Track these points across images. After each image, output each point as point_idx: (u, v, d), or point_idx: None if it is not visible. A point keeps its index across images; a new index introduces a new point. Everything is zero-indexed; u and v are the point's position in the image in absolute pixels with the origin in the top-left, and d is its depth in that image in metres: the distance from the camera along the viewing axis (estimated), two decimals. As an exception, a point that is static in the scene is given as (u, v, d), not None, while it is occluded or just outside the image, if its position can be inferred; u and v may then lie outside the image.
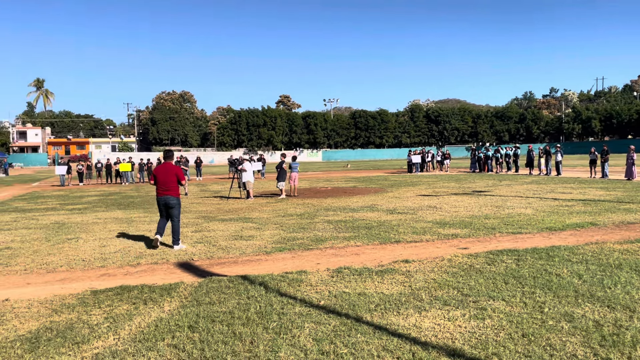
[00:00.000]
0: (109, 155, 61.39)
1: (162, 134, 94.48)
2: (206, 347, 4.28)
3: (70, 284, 6.64)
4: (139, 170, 31.78)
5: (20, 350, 4.34)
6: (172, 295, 5.81)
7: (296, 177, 18.75)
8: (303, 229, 10.63)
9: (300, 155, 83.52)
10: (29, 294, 6.12)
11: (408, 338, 4.38)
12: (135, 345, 4.37)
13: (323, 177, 31.70)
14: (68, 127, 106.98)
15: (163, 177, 8.90)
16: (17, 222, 12.95)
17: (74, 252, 8.69)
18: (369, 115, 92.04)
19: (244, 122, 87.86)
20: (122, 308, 5.42)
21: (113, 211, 15.11)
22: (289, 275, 6.57)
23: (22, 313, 5.36)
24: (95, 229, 11.45)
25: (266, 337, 4.47)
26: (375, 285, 6.04)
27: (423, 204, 14.68)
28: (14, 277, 7.10)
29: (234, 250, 8.59)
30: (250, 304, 5.41)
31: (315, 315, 5.03)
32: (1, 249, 9.15)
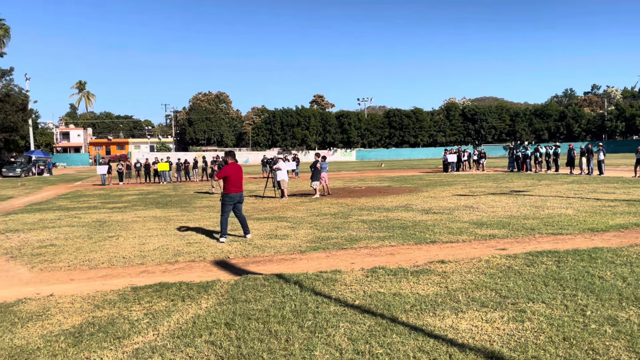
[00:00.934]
0: (147, 155, 62.88)
1: (199, 134, 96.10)
2: (242, 344, 4.33)
3: (111, 280, 6.84)
4: (176, 170, 32.42)
5: (65, 344, 4.49)
6: (209, 293, 5.91)
7: (325, 176, 18.75)
8: (337, 228, 10.64)
9: (334, 155, 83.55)
10: (72, 290, 6.33)
11: (445, 339, 4.32)
12: (174, 341, 4.46)
13: (357, 177, 31.61)
14: (108, 128, 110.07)
15: (237, 176, 9.65)
16: (61, 220, 13.40)
17: (115, 250, 8.94)
18: (403, 114, 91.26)
19: (278, 122, 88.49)
20: (161, 304, 5.54)
21: (152, 210, 15.47)
22: (324, 275, 6.58)
23: (66, 308, 5.55)
24: (134, 227, 11.75)
25: (301, 335, 4.49)
26: (411, 286, 5.99)
27: (459, 203, 14.47)
28: (58, 273, 7.36)
29: (269, 249, 8.66)
30: (285, 302, 5.45)
31: (350, 314, 5.02)
32: (46, 246, 9.49)
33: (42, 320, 5.16)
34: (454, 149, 36.64)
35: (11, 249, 9.34)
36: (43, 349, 4.40)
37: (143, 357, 4.14)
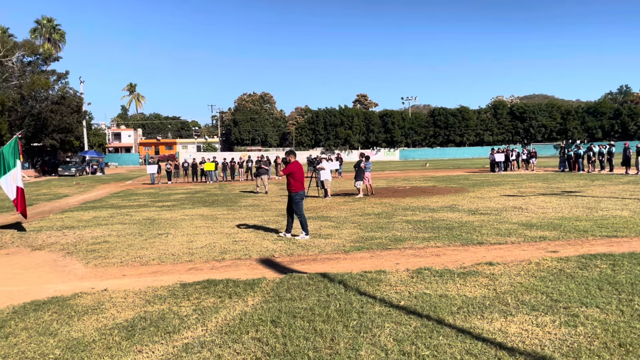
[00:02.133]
0: (194, 155, 64.36)
1: (244, 134, 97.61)
2: (288, 342, 4.38)
3: (162, 276, 7.05)
4: (222, 169, 33.05)
5: (118, 337, 4.67)
6: (255, 290, 6.00)
7: (369, 176, 18.66)
8: (381, 228, 10.58)
9: (377, 155, 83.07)
10: (124, 285, 6.56)
11: (493, 343, 4.23)
12: (222, 337, 4.56)
13: (401, 176, 31.32)
14: (157, 129, 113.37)
15: (300, 173, 9.97)
16: (113, 218, 13.91)
17: (164, 247, 9.21)
18: (448, 112, 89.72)
19: (321, 122, 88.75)
20: (209, 301, 5.67)
21: (199, 208, 15.83)
22: (368, 275, 6.56)
23: (119, 303, 5.76)
24: (183, 225, 12.06)
25: (346, 335, 4.50)
26: (458, 288, 5.89)
27: (507, 204, 14.10)
28: (111, 269, 7.65)
29: (313, 248, 8.71)
30: (330, 301, 5.47)
31: (395, 315, 4.99)
32: (100, 243, 9.88)
33: (97, 314, 5.37)
34: (501, 148, 35.71)
35: (67, 245, 9.77)
36: (98, 341, 4.58)
37: (192, 352, 4.25)
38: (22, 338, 4.71)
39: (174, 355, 4.21)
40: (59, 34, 68.22)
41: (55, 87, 48.78)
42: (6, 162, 11.85)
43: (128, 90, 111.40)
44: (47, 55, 52.18)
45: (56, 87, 49.04)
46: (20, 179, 11.93)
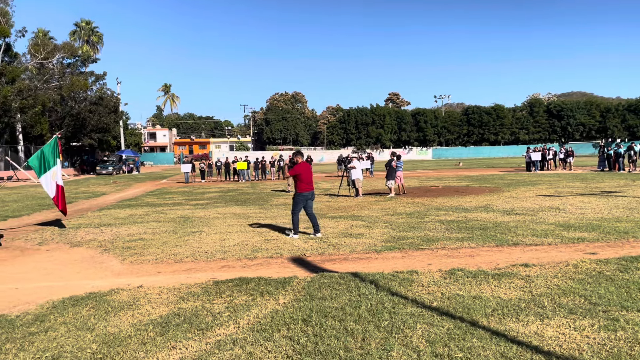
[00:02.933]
0: (227, 154, 65.13)
1: (275, 133, 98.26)
2: (319, 341, 4.38)
3: (195, 274, 7.15)
4: (254, 169, 33.35)
5: (153, 333, 4.76)
6: (286, 289, 6.02)
7: (401, 175, 18.51)
8: (413, 228, 10.47)
9: (409, 154, 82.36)
10: (159, 282, 6.69)
11: (529, 346, 4.13)
12: (254, 334, 4.59)
13: (433, 176, 30.95)
14: (191, 128, 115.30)
15: (308, 174, 9.92)
16: (149, 216, 14.20)
17: (198, 245, 9.35)
18: (483, 110, 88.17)
19: (352, 121, 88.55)
20: (241, 299, 5.72)
21: (231, 207, 16.01)
22: (400, 275, 6.50)
23: (154, 299, 5.87)
24: (216, 223, 12.22)
25: (378, 335, 4.47)
26: (492, 289, 5.78)
27: (544, 204, 13.76)
28: (146, 266, 7.81)
29: (344, 247, 8.69)
30: (361, 301, 5.44)
31: (427, 316, 4.93)
32: (135, 240, 10.10)
33: (132, 309, 5.49)
34: (538, 147, 34.88)
35: (105, 242, 10.03)
36: (133, 336, 4.68)
37: (224, 349, 4.29)
38: (61, 332, 4.85)
39: (207, 352, 4.26)
40: (97, 36, 70.09)
41: (94, 88, 50.15)
42: (46, 161, 12.23)
43: (163, 90, 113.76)
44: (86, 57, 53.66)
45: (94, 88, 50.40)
46: (60, 178, 12.30)
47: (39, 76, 41.70)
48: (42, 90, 39.58)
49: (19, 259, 8.74)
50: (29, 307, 5.73)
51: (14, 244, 10.13)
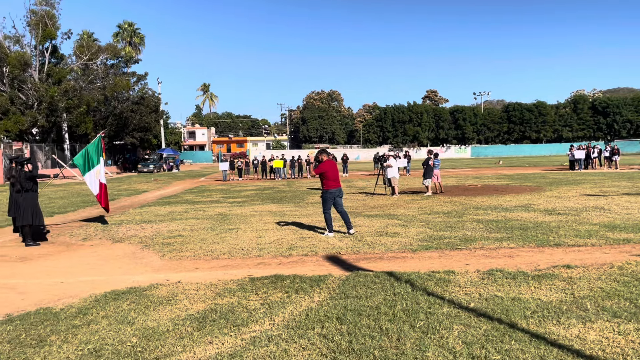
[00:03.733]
0: (264, 152, 65.82)
1: (311, 132, 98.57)
2: (354, 339, 4.36)
3: (232, 270, 7.25)
4: (290, 167, 33.56)
5: (190, 328, 4.85)
6: (321, 287, 6.03)
7: (438, 174, 18.24)
8: (450, 227, 10.31)
9: (447, 152, 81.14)
10: (197, 278, 6.81)
11: (570, 350, 4.00)
12: (288, 332, 4.62)
13: (472, 174, 30.40)
14: (229, 127, 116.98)
15: (334, 172, 9.89)
16: (188, 213, 14.49)
17: (235, 242, 9.47)
18: (524, 107, 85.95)
19: (389, 119, 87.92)
20: (276, 296, 5.76)
21: (268, 205, 16.16)
22: (436, 275, 6.41)
23: (192, 295, 5.98)
24: (252, 220, 12.35)
25: (413, 335, 4.42)
26: (532, 291, 5.63)
27: (588, 204, 13.31)
28: (185, 262, 7.97)
29: (380, 246, 8.63)
30: (396, 300, 5.39)
31: (464, 317, 4.84)
32: (174, 236, 10.32)
33: (171, 304, 5.61)
34: (582, 145, 33.77)
35: (145, 238, 10.28)
36: (172, 331, 4.78)
37: (260, 345, 4.33)
38: (102, 325, 5.01)
39: (242, 347, 4.31)
40: (139, 37, 71.98)
41: (135, 88, 51.51)
42: (91, 159, 12.63)
43: (202, 90, 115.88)
44: (128, 58, 55.15)
45: (136, 88, 51.77)
46: (103, 176, 12.69)
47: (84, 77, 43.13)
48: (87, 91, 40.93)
49: (64, 253, 9.06)
50: (73, 300, 5.93)
51: (60, 239, 10.52)
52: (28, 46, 39.21)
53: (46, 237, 10.67)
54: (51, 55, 41.06)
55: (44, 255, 8.95)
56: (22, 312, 5.54)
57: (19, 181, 10.06)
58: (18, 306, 5.80)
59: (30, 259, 8.61)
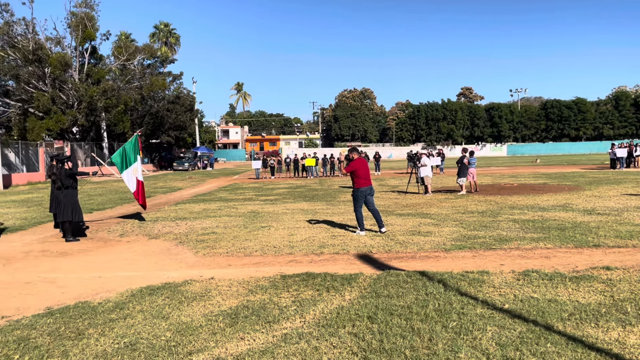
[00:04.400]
0: (296, 151, 66.12)
1: (344, 130, 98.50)
2: (385, 339, 4.33)
3: (263, 267, 7.31)
4: (322, 165, 33.61)
5: (223, 324, 4.91)
6: (352, 285, 6.02)
7: (474, 172, 17.94)
8: (485, 227, 10.13)
9: (482, 150, 79.75)
10: (229, 275, 6.89)
11: (609, 354, 3.88)
12: (319, 329, 4.63)
13: (508, 173, 29.78)
14: (262, 126, 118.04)
15: (364, 170, 9.84)
16: (221, 210, 14.68)
17: (267, 239, 9.55)
18: (562, 105, 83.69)
19: (422, 117, 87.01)
20: (307, 293, 5.78)
21: (299, 202, 16.22)
22: (470, 275, 6.31)
23: (224, 291, 6.06)
24: (284, 218, 12.42)
25: (445, 335, 4.36)
26: (569, 293, 5.47)
27: (629, 204, 12.86)
28: (218, 259, 8.08)
29: (412, 245, 8.55)
30: (428, 300, 5.33)
31: (498, 318, 4.75)
32: (208, 233, 10.47)
33: (204, 300, 5.70)
34: (624, 143, 32.62)
35: (180, 235, 10.48)
36: (205, 326, 4.85)
37: (290, 342, 4.35)
38: (138, 319, 5.12)
39: (273, 344, 4.34)
40: (175, 37, 73.30)
41: (171, 87, 52.46)
42: (128, 157, 12.94)
43: (236, 89, 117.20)
44: (164, 58, 56.19)
45: (172, 87, 52.73)
46: (140, 173, 12.98)
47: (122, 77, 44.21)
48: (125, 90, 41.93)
49: (102, 249, 9.32)
50: (110, 295, 6.09)
51: (98, 235, 10.82)
52: (68, 47, 40.45)
53: (85, 233, 10.99)
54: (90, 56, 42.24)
55: (83, 250, 9.23)
56: (61, 305, 5.73)
57: (60, 178, 10.39)
58: (58, 300, 5.99)
59: (70, 254, 8.90)
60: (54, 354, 4.31)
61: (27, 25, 37.03)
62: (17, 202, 19.03)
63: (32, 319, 5.25)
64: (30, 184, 29.35)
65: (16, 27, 36.46)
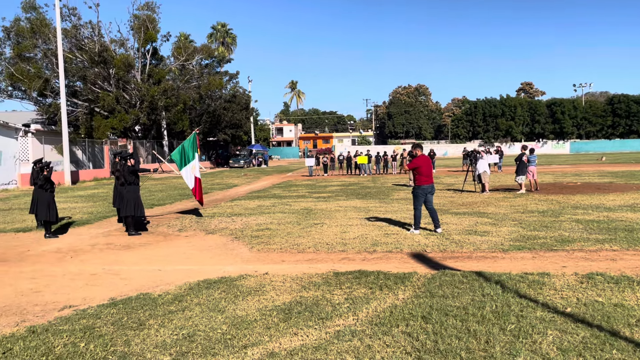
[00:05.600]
0: (349, 148, 66.03)
1: (397, 127, 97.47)
2: (439, 339, 4.26)
3: (316, 264, 7.35)
4: (375, 163, 33.39)
5: (277, 319, 4.98)
6: (405, 284, 5.95)
7: (534, 170, 17.29)
8: (546, 227, 9.75)
9: (543, 147, 76.79)
10: (283, 270, 6.98)
11: (683, 365, 3.64)
12: (372, 328, 4.60)
13: (570, 171, 28.52)
14: (315, 123, 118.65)
15: (427, 168, 9.71)
16: (275, 207, 14.89)
17: (319, 236, 9.59)
18: (631, 100, 79.19)
19: (480, 113, 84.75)
20: (360, 291, 5.76)
21: (352, 200, 16.19)
22: (529, 277, 6.09)
23: (278, 286, 6.14)
24: (337, 215, 12.44)
25: (503, 338, 4.23)
26: (637, 297, 5.18)
27: None
28: (272, 254, 8.20)
29: (468, 245, 8.35)
30: (485, 302, 5.19)
31: (560, 322, 4.56)
32: (263, 229, 10.65)
33: (258, 295, 5.80)
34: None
35: (235, 230, 10.70)
36: (259, 320, 4.94)
37: (343, 340, 4.35)
38: (195, 312, 5.28)
39: (326, 341, 4.36)
40: (231, 37, 74.90)
41: (228, 86, 53.65)
42: (187, 155, 13.35)
43: (290, 87, 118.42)
44: (221, 58, 57.56)
45: (228, 86, 53.91)
46: (198, 170, 13.36)
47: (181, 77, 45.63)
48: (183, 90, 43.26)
49: (162, 243, 9.67)
50: (169, 287, 6.31)
51: (158, 230, 11.23)
52: (131, 49, 42.16)
53: (146, 228, 11.44)
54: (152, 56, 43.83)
55: (144, 244, 9.61)
56: (124, 296, 5.99)
57: (123, 175, 10.85)
58: (121, 291, 6.27)
59: (132, 248, 9.28)
60: (117, 343, 4.50)
61: (93, 28, 38.88)
62: (84, 197, 20.05)
63: (97, 308, 5.51)
64: (96, 180, 30.86)
65: (83, 31, 38.35)
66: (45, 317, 5.33)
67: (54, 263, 8.09)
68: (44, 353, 4.31)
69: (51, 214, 10.63)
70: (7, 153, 25.32)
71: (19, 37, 35.21)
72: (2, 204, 17.57)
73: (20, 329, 4.94)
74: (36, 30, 34.53)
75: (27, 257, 8.64)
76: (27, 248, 9.42)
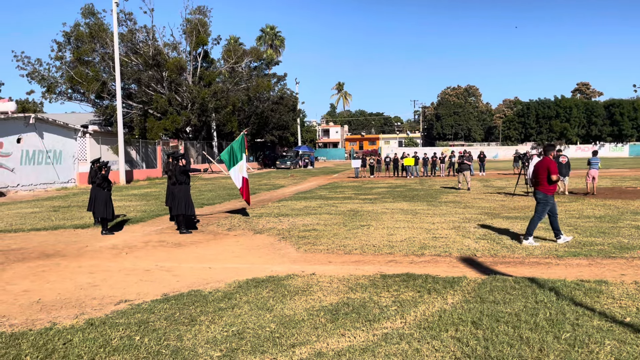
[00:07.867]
0: (396, 150, 65.44)
1: (446, 128, 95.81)
2: (490, 346, 4.16)
3: (363, 266, 7.33)
4: (422, 165, 32.96)
5: (324, 319, 5.00)
6: (454, 289, 5.85)
7: (596, 174, 16.59)
8: (603, 233, 9.35)
9: (601, 150, 73.60)
10: (330, 271, 7.00)
11: None
12: (420, 331, 4.55)
13: (630, 175, 27.22)
14: (362, 125, 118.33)
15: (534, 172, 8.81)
16: (321, 208, 14.94)
17: (366, 238, 9.56)
18: (697, 100, 74.82)
19: (532, 114, 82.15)
20: (408, 294, 5.71)
21: (399, 202, 16.05)
22: (585, 284, 5.86)
23: (325, 287, 6.17)
24: (383, 218, 12.36)
25: (557, 347, 4.09)
26: None
27: None
28: (318, 255, 8.24)
29: (520, 250, 8.12)
30: (538, 308, 5.03)
31: (618, 332, 4.37)
32: (309, 230, 10.71)
33: (306, 295, 5.84)
34: None
35: (282, 230, 10.82)
36: (307, 320, 4.98)
37: (391, 342, 4.33)
38: (244, 310, 5.38)
39: (374, 343, 4.34)
40: (279, 40, 75.75)
41: (275, 88, 54.33)
42: (235, 155, 13.61)
43: (336, 89, 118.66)
44: (269, 60, 58.31)
45: (276, 88, 54.58)
46: (245, 171, 13.59)
47: (230, 79, 46.51)
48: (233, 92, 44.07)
49: (212, 242, 9.89)
50: (219, 285, 6.45)
51: (208, 229, 11.50)
52: (183, 52, 43.36)
53: (197, 226, 11.73)
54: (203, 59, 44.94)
55: (195, 242, 9.86)
56: (176, 292, 6.16)
57: (175, 174, 11.18)
58: (173, 287, 6.46)
59: (183, 245, 9.55)
60: (170, 337, 4.65)
61: (148, 32, 40.21)
62: (138, 195, 20.77)
63: (151, 303, 5.70)
64: (149, 179, 31.90)
65: (138, 35, 39.74)
66: (103, 310, 5.56)
67: (110, 259, 8.43)
68: (102, 345, 4.50)
69: (108, 211, 11.07)
70: (66, 153, 26.56)
71: (79, 42, 36.84)
72: (61, 202, 18.46)
73: (79, 321, 5.17)
74: (94, 35, 36.05)
75: (85, 252, 9.04)
76: (85, 244, 9.85)
